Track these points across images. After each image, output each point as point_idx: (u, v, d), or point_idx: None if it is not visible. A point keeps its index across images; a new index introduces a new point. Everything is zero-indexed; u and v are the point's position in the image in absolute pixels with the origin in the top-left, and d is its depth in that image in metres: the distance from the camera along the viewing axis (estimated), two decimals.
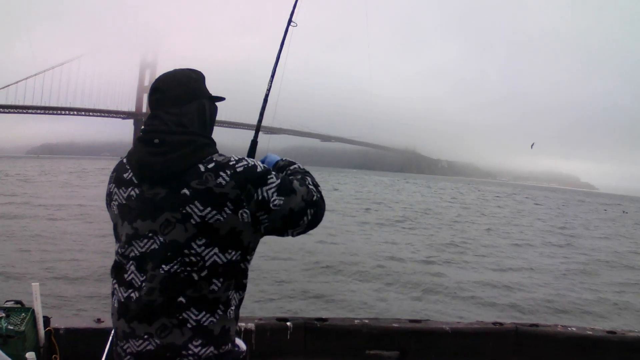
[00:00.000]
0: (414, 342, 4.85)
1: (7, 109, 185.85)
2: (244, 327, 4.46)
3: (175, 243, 1.82)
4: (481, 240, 23.32)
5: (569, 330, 5.18)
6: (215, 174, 1.82)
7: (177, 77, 2.00)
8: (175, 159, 1.84)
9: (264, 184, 1.86)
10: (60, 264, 12.72)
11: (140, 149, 1.92)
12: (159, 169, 1.85)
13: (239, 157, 1.91)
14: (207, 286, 1.84)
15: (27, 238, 16.34)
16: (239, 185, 1.82)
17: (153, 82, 2.02)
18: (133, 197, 1.91)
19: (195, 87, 2.01)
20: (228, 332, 1.90)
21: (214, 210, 1.81)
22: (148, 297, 1.83)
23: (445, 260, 17.19)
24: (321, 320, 4.80)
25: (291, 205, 1.89)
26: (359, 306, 10.82)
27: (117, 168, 2.03)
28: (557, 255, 20.56)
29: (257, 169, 1.88)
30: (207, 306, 1.84)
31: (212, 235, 1.83)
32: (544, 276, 15.76)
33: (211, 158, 1.87)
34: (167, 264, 1.82)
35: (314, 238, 17.71)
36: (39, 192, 33.49)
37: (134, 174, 1.92)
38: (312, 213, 1.95)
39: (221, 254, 1.85)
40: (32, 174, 59.16)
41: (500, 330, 5.05)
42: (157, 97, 1.97)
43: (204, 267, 1.83)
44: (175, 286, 1.82)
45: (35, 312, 3.91)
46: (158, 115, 1.95)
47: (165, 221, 1.83)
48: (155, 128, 1.92)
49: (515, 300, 12.39)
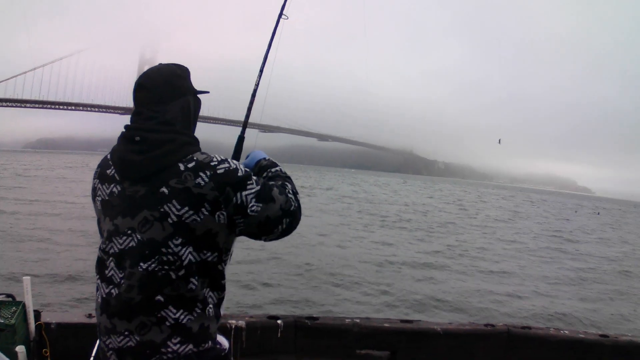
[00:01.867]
0: (405, 342, 4.84)
1: (5, 102, 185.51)
2: (234, 324, 4.45)
3: (153, 241, 1.82)
4: (476, 244, 23.36)
5: (562, 333, 5.18)
6: (194, 174, 1.82)
7: (163, 74, 1.97)
8: (155, 157, 1.84)
9: (243, 188, 1.86)
10: (53, 259, 12.71)
11: (122, 146, 1.91)
12: (139, 167, 1.85)
13: (221, 158, 1.89)
14: (185, 285, 1.85)
15: (20, 233, 16.33)
16: (218, 188, 1.82)
17: (137, 78, 1.99)
18: (115, 194, 1.91)
19: (180, 84, 1.99)
20: (207, 329, 1.91)
21: (191, 211, 1.81)
22: (127, 294, 1.84)
23: (443, 264, 17.21)
24: (312, 319, 4.79)
25: (268, 213, 1.89)
26: (350, 307, 10.86)
27: (101, 164, 2.02)
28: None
29: (238, 173, 1.87)
30: (185, 304, 1.85)
31: (188, 235, 1.83)
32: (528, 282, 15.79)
33: (192, 157, 1.86)
34: (145, 262, 1.83)
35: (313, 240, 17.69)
36: (33, 187, 33.37)
37: (116, 171, 1.92)
38: (287, 222, 1.95)
39: (195, 252, 1.85)
40: (27, 168, 59.03)
41: (492, 332, 5.04)
42: (142, 95, 1.95)
43: (182, 267, 1.84)
44: (153, 284, 1.83)
45: (26, 305, 3.89)
46: (142, 112, 1.93)
47: (143, 219, 1.84)
48: (137, 126, 1.91)
49: (508, 306, 12.42)
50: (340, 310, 10.32)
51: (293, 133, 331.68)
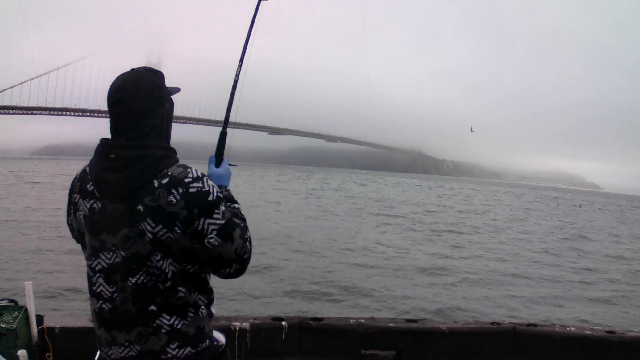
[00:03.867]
0: (410, 342, 4.82)
1: (13, 110, 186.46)
2: (238, 326, 4.44)
3: (138, 256, 1.83)
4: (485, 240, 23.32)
5: (568, 330, 5.14)
6: (167, 191, 1.80)
7: (141, 86, 1.91)
8: (130, 176, 1.81)
9: (209, 215, 1.83)
10: (58, 263, 12.74)
11: (98, 163, 1.89)
12: (115, 186, 1.83)
13: (197, 175, 1.86)
14: (174, 294, 1.87)
15: (27, 237, 16.41)
16: (187, 207, 1.80)
17: (112, 87, 1.93)
18: (96, 210, 1.89)
19: (158, 94, 1.95)
20: (203, 330, 1.95)
21: (165, 229, 1.80)
22: (123, 307, 1.87)
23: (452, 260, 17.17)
24: (316, 320, 4.78)
25: (223, 251, 1.87)
26: (354, 307, 10.84)
27: (80, 177, 1.99)
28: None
29: (209, 197, 1.84)
30: (177, 311, 1.89)
31: (166, 250, 1.83)
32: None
33: (166, 172, 1.83)
34: (133, 276, 1.84)
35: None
36: (39, 194, 33.52)
37: (95, 188, 1.90)
38: (236, 268, 1.94)
39: (176, 263, 1.86)
40: (36, 175, 59.33)
41: (498, 330, 5.01)
42: (120, 109, 1.90)
43: (167, 279, 1.85)
44: (145, 295, 1.85)
45: (28, 310, 3.93)
46: (119, 127, 1.90)
47: (124, 236, 1.83)
48: (112, 142, 1.88)
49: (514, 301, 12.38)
50: (345, 311, 10.31)
51: (301, 135, 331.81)
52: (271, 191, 51.72)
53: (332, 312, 9.76)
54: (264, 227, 21.61)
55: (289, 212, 30.70)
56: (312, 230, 22.37)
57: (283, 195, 46.44)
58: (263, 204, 34.36)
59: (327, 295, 11.54)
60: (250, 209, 30.29)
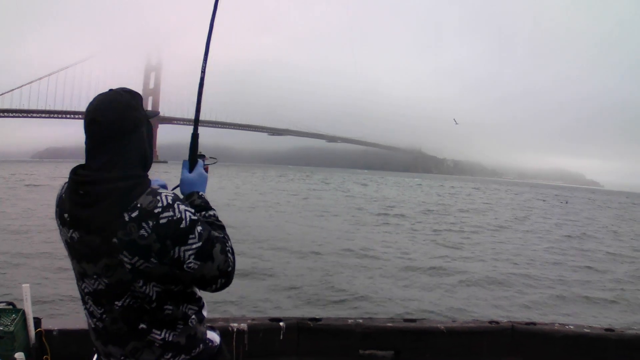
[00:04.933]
0: (409, 342, 4.81)
1: (13, 113, 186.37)
2: (236, 327, 4.45)
3: (120, 281, 1.83)
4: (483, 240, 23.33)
5: (567, 328, 5.13)
6: (138, 225, 1.77)
7: (117, 107, 1.89)
8: (100, 211, 1.79)
9: (183, 243, 1.81)
10: (57, 266, 12.71)
11: (70, 196, 1.88)
12: (86, 222, 1.82)
13: (166, 202, 1.83)
14: (161, 312, 1.89)
15: (25, 240, 16.45)
16: (159, 240, 1.78)
17: (89, 106, 1.92)
18: (75, 239, 1.88)
19: (135, 117, 1.93)
20: (195, 336, 1.98)
21: (142, 259, 1.79)
22: (114, 326, 1.90)
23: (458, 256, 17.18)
24: (314, 320, 4.78)
25: (204, 272, 1.86)
26: (354, 305, 10.84)
27: (58, 203, 1.97)
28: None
29: (181, 224, 1.81)
30: (167, 325, 1.91)
31: (147, 277, 1.83)
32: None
33: (136, 204, 1.80)
34: (119, 299, 1.86)
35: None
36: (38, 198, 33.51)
37: (70, 220, 1.89)
38: (221, 283, 1.93)
39: (161, 285, 1.86)
40: (37, 177, 59.36)
41: (496, 328, 5.00)
42: (94, 130, 1.88)
43: (152, 301, 1.86)
44: (133, 315, 1.87)
45: (26, 313, 3.94)
46: (94, 148, 1.88)
47: (105, 266, 1.83)
48: (81, 178, 1.85)
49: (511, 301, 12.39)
50: (343, 313, 10.30)
51: (301, 135, 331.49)
52: (270, 192, 51.75)
53: (331, 314, 9.75)
54: (262, 228, 21.59)
55: (288, 213, 30.65)
56: (310, 231, 22.34)
57: (283, 195, 46.39)
58: (262, 205, 34.36)
59: (326, 297, 11.49)
60: (249, 210, 30.37)
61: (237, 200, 37.56)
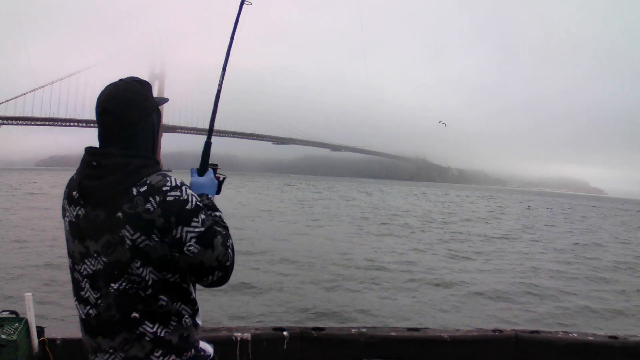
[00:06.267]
0: (413, 351, 4.80)
1: (16, 120, 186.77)
2: (240, 337, 4.43)
3: (119, 262, 1.85)
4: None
5: (570, 336, 5.12)
6: (145, 199, 1.82)
7: (127, 96, 1.94)
8: (110, 183, 1.84)
9: (187, 224, 1.85)
10: (61, 274, 12.74)
11: (82, 170, 1.93)
12: (96, 193, 1.86)
13: (175, 183, 1.88)
14: (155, 302, 1.89)
15: (30, 250, 16.43)
16: (164, 215, 1.82)
17: (100, 97, 1.97)
18: (80, 217, 1.92)
19: (145, 105, 1.98)
20: (187, 339, 1.97)
21: (143, 236, 1.82)
22: (107, 313, 1.89)
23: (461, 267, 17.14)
24: (318, 330, 4.77)
25: (203, 259, 1.88)
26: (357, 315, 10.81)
27: (69, 184, 2.03)
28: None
29: (187, 205, 1.86)
30: (159, 319, 1.90)
31: (145, 258, 1.85)
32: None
33: (145, 180, 1.85)
34: (115, 282, 1.87)
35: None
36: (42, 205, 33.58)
37: (78, 195, 1.93)
38: (219, 276, 1.95)
39: (157, 272, 1.87)
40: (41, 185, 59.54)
41: (500, 337, 4.99)
42: (107, 120, 1.94)
43: (147, 286, 1.87)
44: (127, 302, 1.87)
45: (29, 322, 3.94)
46: (107, 137, 1.94)
47: (106, 242, 1.86)
48: (96, 150, 1.92)
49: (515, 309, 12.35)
50: (347, 319, 10.29)
51: (306, 144, 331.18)
52: (274, 201, 51.76)
53: (333, 323, 9.73)
54: (263, 239, 21.50)
55: (292, 223, 30.65)
56: (313, 242, 22.31)
57: (286, 205, 46.40)
58: (264, 215, 34.34)
59: (329, 309, 11.45)
60: (251, 220, 30.36)
61: (241, 209, 37.56)
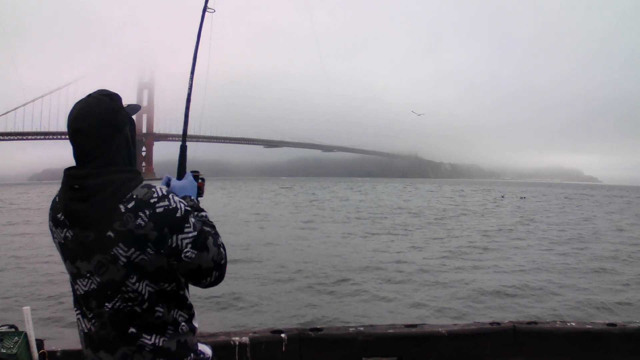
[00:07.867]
0: (411, 347, 4.82)
1: (8, 135, 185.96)
2: (238, 341, 4.45)
3: (112, 282, 1.86)
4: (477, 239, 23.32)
5: (568, 325, 5.14)
6: (134, 215, 1.82)
7: (97, 113, 1.90)
8: (96, 204, 1.83)
9: (180, 231, 1.86)
10: (58, 287, 12.72)
11: (64, 194, 1.92)
12: (83, 216, 1.86)
13: (162, 193, 1.88)
14: (152, 315, 1.91)
15: (29, 264, 16.39)
16: (157, 228, 1.82)
17: (70, 116, 1.93)
18: (69, 239, 1.92)
19: (118, 119, 1.95)
20: (185, 344, 1.99)
21: (138, 251, 1.83)
22: (102, 331, 1.91)
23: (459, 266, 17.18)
24: (316, 330, 4.78)
25: (201, 262, 1.91)
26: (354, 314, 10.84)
27: (52, 206, 2.01)
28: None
29: (177, 213, 1.87)
30: (157, 330, 1.92)
31: (141, 272, 1.86)
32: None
33: (131, 195, 1.85)
34: (109, 301, 1.88)
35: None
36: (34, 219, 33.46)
37: (64, 218, 1.92)
38: (216, 275, 1.98)
39: (153, 284, 1.89)
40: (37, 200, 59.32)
41: (498, 330, 5.01)
42: (80, 140, 1.91)
43: (144, 301, 1.89)
44: (122, 320, 1.89)
45: (28, 335, 3.95)
46: (82, 156, 1.91)
47: (98, 262, 1.86)
48: (75, 173, 1.90)
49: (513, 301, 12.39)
50: (344, 318, 10.29)
51: (297, 146, 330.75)
52: (267, 204, 51.73)
53: (333, 318, 9.75)
54: (255, 245, 21.33)
55: (283, 226, 30.65)
56: (309, 244, 22.30)
57: (277, 209, 46.24)
58: (257, 219, 34.29)
59: (325, 315, 11.42)
60: (246, 224, 30.31)
61: (236, 215, 37.51)
